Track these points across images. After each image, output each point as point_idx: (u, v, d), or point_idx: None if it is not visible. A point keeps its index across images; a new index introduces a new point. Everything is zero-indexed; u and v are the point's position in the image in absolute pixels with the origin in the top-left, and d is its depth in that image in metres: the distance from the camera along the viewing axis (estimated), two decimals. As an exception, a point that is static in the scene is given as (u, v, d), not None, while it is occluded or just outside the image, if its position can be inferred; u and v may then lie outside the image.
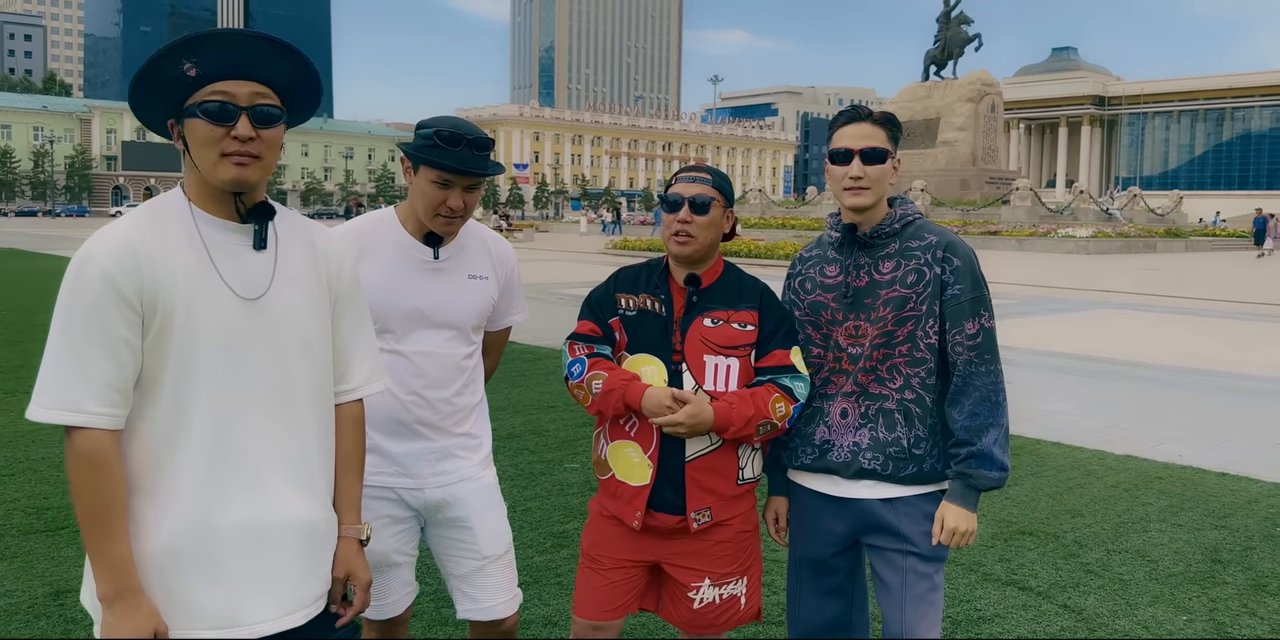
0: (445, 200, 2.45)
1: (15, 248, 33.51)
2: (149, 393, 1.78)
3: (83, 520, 1.73)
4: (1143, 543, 4.83)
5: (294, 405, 1.90)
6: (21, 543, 4.61)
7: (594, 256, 32.36)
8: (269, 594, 1.85)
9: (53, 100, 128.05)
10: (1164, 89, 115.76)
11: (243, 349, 1.83)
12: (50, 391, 1.72)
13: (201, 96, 1.78)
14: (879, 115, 2.56)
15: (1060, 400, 8.50)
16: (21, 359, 9.80)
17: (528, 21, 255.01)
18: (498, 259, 2.71)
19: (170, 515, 1.78)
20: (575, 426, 7.01)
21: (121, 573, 1.72)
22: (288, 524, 1.88)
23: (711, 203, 2.53)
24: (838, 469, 2.55)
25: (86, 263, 1.74)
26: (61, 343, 1.72)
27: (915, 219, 2.58)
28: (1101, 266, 28.81)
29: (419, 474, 2.59)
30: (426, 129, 2.45)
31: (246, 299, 1.83)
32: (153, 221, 1.81)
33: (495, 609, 2.67)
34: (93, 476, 1.72)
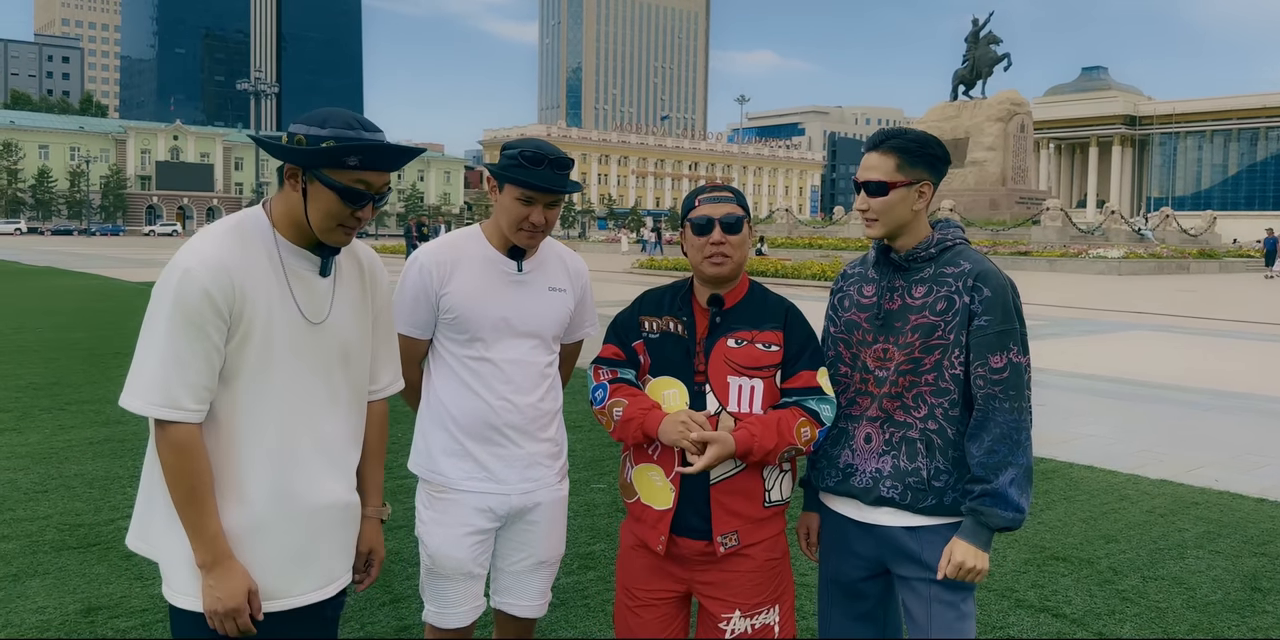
0: (528, 216, 2.63)
1: (52, 266, 34.01)
2: (226, 389, 2.04)
3: (179, 500, 1.99)
4: (1180, 570, 4.75)
5: (337, 407, 2.20)
6: (54, 559, 4.64)
7: (621, 275, 32.39)
8: (319, 568, 2.15)
9: (89, 121, 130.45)
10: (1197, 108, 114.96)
11: (302, 360, 2.11)
12: (153, 389, 1.96)
13: (347, 179, 2.03)
14: (894, 141, 2.48)
15: (1093, 423, 8.39)
16: (56, 376, 9.91)
17: (555, 43, 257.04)
18: (574, 273, 2.89)
19: (240, 505, 2.05)
20: (601, 447, 7.00)
21: (217, 543, 2.01)
22: (330, 507, 2.17)
23: (742, 221, 2.53)
24: (859, 494, 2.51)
25: (188, 279, 1.97)
26: (165, 347, 1.97)
27: (955, 244, 2.51)
28: (1133, 288, 28.52)
29: (507, 480, 2.74)
30: (512, 150, 2.63)
31: (312, 323, 2.12)
32: (240, 242, 2.06)
33: (528, 609, 2.88)
34: (187, 461, 1.98)
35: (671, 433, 2.40)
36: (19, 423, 7.70)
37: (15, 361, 10.90)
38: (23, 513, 5.35)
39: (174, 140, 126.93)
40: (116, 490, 5.81)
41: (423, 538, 2.77)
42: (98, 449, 6.86)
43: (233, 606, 2.00)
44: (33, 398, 8.75)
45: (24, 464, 6.42)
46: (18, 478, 6.07)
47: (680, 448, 2.40)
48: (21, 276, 27.90)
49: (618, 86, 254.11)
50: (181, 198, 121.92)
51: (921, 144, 2.48)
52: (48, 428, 7.53)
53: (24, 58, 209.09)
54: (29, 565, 4.56)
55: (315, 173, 2.03)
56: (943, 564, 2.39)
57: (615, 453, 6.82)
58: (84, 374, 10.09)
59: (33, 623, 3.91)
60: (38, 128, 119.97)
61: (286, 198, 2.09)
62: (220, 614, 2.00)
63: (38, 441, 7.07)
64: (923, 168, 2.48)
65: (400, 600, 4.14)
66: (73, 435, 7.27)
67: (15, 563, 4.59)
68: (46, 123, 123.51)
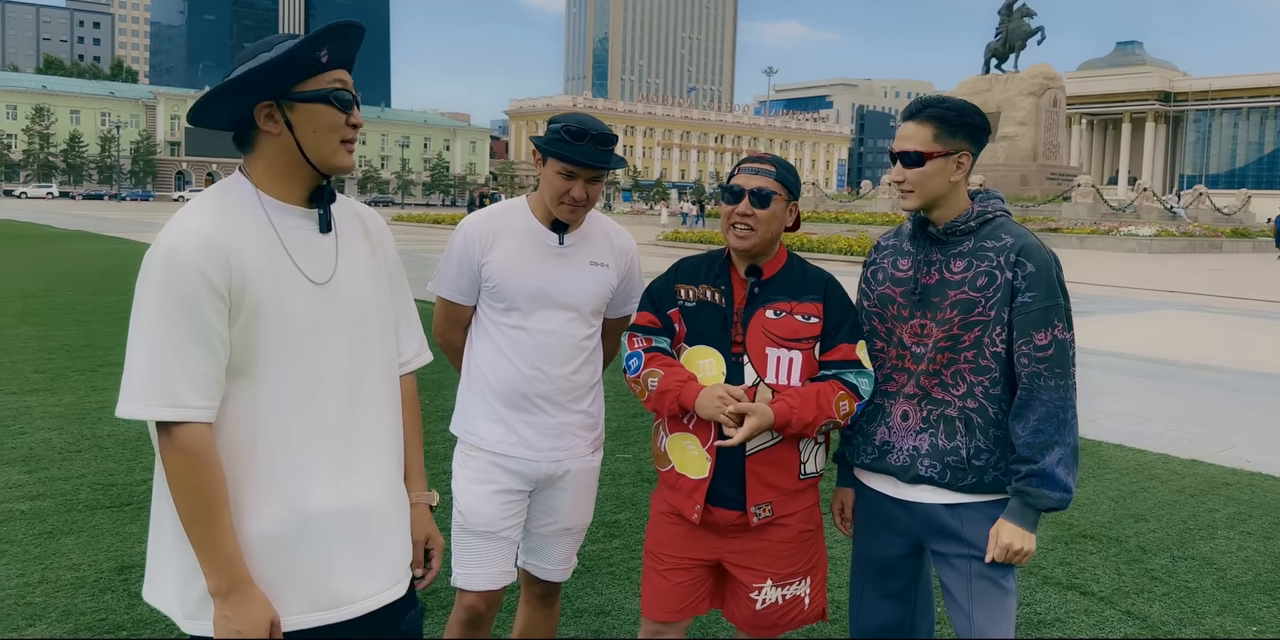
0: (569, 190, 2.62)
1: (83, 230, 34.33)
2: (240, 382, 1.78)
3: (188, 516, 1.72)
4: (1209, 550, 4.71)
5: (367, 384, 1.93)
6: (88, 518, 4.71)
7: (647, 247, 32.32)
8: (368, 570, 1.89)
9: (119, 87, 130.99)
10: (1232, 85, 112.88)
11: (320, 333, 1.85)
12: (150, 388, 1.69)
13: (327, 83, 1.82)
14: (932, 110, 2.40)
15: (1123, 402, 8.32)
16: (88, 338, 10.02)
17: (582, 13, 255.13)
18: (618, 249, 2.87)
19: (267, 501, 1.79)
20: (628, 417, 7.00)
21: (233, 566, 1.72)
22: (375, 501, 1.92)
23: (773, 196, 2.46)
24: (896, 472, 2.48)
25: (174, 258, 1.71)
26: (158, 338, 1.70)
27: (996, 217, 2.43)
28: (1165, 266, 28.18)
29: (538, 447, 2.75)
30: (556, 124, 2.63)
31: (317, 284, 1.85)
32: (223, 211, 1.80)
33: (552, 572, 2.92)
34: (197, 470, 1.71)
35: (709, 407, 2.38)
36: (52, 383, 7.79)
37: (48, 323, 11.03)
38: (57, 472, 5.43)
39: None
40: (148, 451, 5.87)
41: (455, 494, 2.79)
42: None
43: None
44: (65, 359, 8.85)
45: (58, 423, 6.51)
46: (52, 437, 6.15)
47: (718, 421, 2.39)
48: (54, 240, 28.18)
49: (644, 57, 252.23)
50: (210, 164, 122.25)
51: (960, 113, 2.40)
52: (80, 389, 7.62)
53: (56, 23, 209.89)
54: (63, 523, 4.63)
55: (291, 96, 1.80)
56: (990, 546, 2.36)
57: (641, 423, 6.83)
58: (115, 337, 10.19)
59: (67, 579, 3.97)
60: (69, 93, 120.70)
61: (263, 149, 1.85)
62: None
63: (71, 402, 7.16)
64: (962, 137, 2.40)
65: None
66: (105, 396, 7.35)
67: (50, 520, 4.66)
68: (77, 88, 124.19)
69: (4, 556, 4.20)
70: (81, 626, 3.57)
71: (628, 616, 3.79)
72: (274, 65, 1.77)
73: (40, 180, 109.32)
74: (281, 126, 1.82)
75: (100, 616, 3.66)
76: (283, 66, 1.78)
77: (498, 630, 3.65)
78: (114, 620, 3.63)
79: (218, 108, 1.83)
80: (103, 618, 3.65)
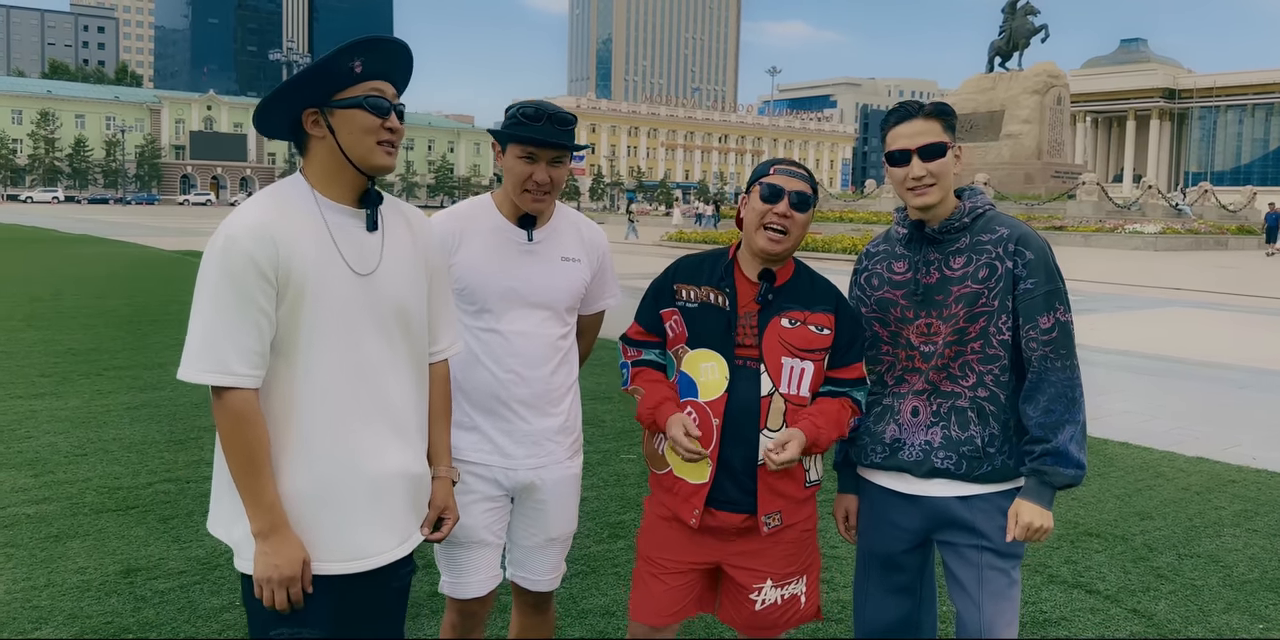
0: (531, 174, 2.56)
1: (89, 234, 34.40)
2: (285, 356, 2.02)
3: (236, 469, 1.98)
4: (1215, 547, 4.70)
5: (397, 367, 2.16)
6: (93, 521, 4.72)
7: (649, 248, 32.33)
8: (386, 530, 2.13)
9: (124, 91, 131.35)
10: (1237, 82, 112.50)
11: (358, 318, 2.08)
12: (204, 357, 1.95)
13: (363, 90, 2.06)
14: (929, 107, 2.47)
15: (1128, 400, 8.31)
16: (95, 342, 10.05)
17: (586, 14, 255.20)
18: (589, 243, 2.80)
19: (302, 464, 2.04)
20: (631, 418, 6.98)
21: (274, 512, 1.99)
22: (397, 471, 2.15)
23: (811, 201, 2.47)
24: (909, 468, 2.49)
25: (231, 245, 1.96)
26: (212, 314, 1.96)
27: (985, 211, 2.49)
28: (1170, 263, 28.12)
29: (514, 454, 2.69)
30: (511, 109, 2.58)
31: (361, 275, 2.09)
32: (280, 206, 2.05)
33: (540, 583, 2.85)
34: (243, 429, 1.97)
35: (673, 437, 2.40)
36: (59, 387, 7.82)
37: (54, 328, 11.06)
38: (63, 475, 5.44)
39: (207, 110, 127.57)
40: (154, 454, 5.89)
41: None
42: (135, 414, 6.96)
43: (288, 574, 1.99)
44: (71, 363, 8.88)
45: (64, 427, 6.52)
46: (58, 441, 6.17)
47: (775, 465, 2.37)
48: (59, 244, 28.25)
49: (648, 58, 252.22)
50: (215, 167, 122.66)
51: (950, 108, 2.51)
52: (86, 393, 7.64)
53: (60, 28, 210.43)
54: (69, 526, 4.64)
55: (330, 103, 2.05)
56: (1010, 526, 2.40)
57: (645, 424, 6.83)
58: (121, 340, 10.22)
59: (73, 582, 3.98)
60: (74, 97, 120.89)
61: (314, 153, 2.10)
62: (274, 582, 1.99)
63: (77, 406, 7.18)
64: (952, 133, 2.49)
65: (432, 565, 4.17)
66: (110, 400, 7.38)
67: (56, 524, 4.67)
68: (83, 92, 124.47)
69: (10, 560, 4.22)
70: (88, 630, 3.58)
71: (632, 617, 3.79)
72: (309, 75, 2.03)
73: (46, 185, 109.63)
74: (325, 130, 2.07)
75: (106, 619, 3.67)
76: (316, 76, 2.03)
77: (500, 631, 3.66)
78: (120, 623, 3.64)
79: (273, 116, 2.10)
80: (109, 621, 3.66)
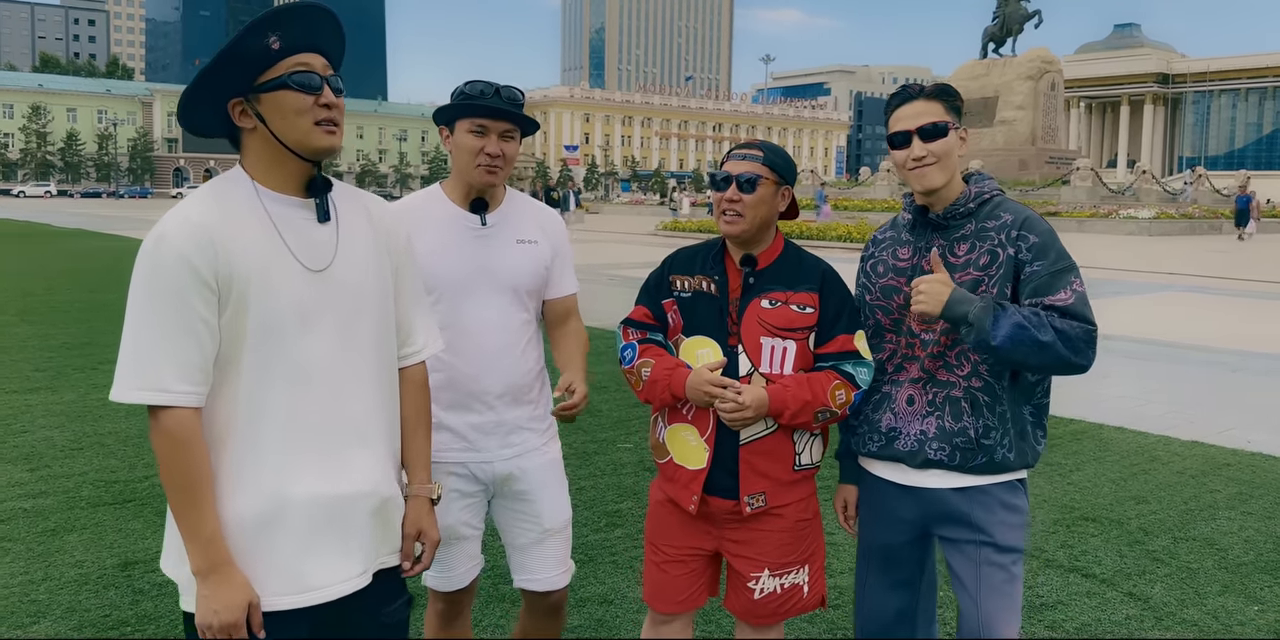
0: (483, 147, 2.52)
1: (81, 228, 34.30)
2: (227, 369, 1.82)
3: (172, 498, 1.78)
4: (1211, 530, 4.72)
5: (360, 373, 1.95)
6: (90, 515, 4.72)
7: (645, 237, 32.31)
8: (343, 558, 1.91)
9: (116, 84, 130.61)
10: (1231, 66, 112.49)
11: (312, 320, 1.87)
12: (136, 373, 1.76)
13: (285, 68, 1.85)
14: (931, 89, 2.44)
15: (1123, 385, 8.32)
16: (89, 336, 10.03)
17: (579, 3, 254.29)
18: (545, 225, 2.75)
19: (249, 487, 1.83)
20: (628, 407, 7.01)
21: (214, 547, 1.78)
22: (358, 491, 1.93)
23: (759, 180, 2.46)
24: (904, 458, 2.46)
25: (162, 246, 1.77)
26: (144, 325, 1.77)
27: (992, 196, 2.44)
28: (1164, 248, 28.15)
29: (486, 447, 2.64)
30: (456, 89, 2.57)
31: (313, 271, 1.88)
32: (218, 201, 1.85)
33: (548, 581, 2.75)
34: (180, 453, 1.77)
35: (695, 392, 2.40)
36: (53, 382, 7.80)
37: (49, 322, 11.03)
38: (59, 469, 5.44)
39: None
40: (150, 448, 5.86)
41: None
42: (131, 408, 6.85)
43: (228, 621, 1.76)
44: (66, 357, 8.86)
45: (59, 422, 6.52)
46: (54, 435, 6.16)
47: (706, 405, 2.40)
48: (52, 238, 28.17)
49: (641, 47, 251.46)
50: (208, 160, 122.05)
51: (954, 90, 2.48)
52: (81, 387, 7.63)
53: (51, 21, 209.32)
54: (66, 520, 4.64)
55: (253, 89, 1.84)
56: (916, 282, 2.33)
57: (642, 413, 6.83)
58: (115, 334, 10.11)
59: (71, 576, 3.98)
60: (65, 91, 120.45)
61: (249, 145, 1.90)
62: (214, 628, 1.76)
63: (72, 400, 7.17)
64: (957, 114, 2.45)
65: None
66: (106, 394, 7.26)
67: (53, 517, 4.67)
68: (74, 86, 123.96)
69: (7, 554, 4.22)
70: (86, 623, 3.59)
71: (630, 605, 3.80)
72: (221, 61, 1.82)
73: (38, 179, 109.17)
74: (254, 120, 1.87)
75: (104, 613, 3.67)
76: (229, 61, 1.82)
77: (505, 632, 3.67)
78: (118, 616, 3.64)
79: (197, 114, 1.89)
80: (107, 614, 3.66)
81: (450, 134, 2.58)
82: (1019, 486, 2.46)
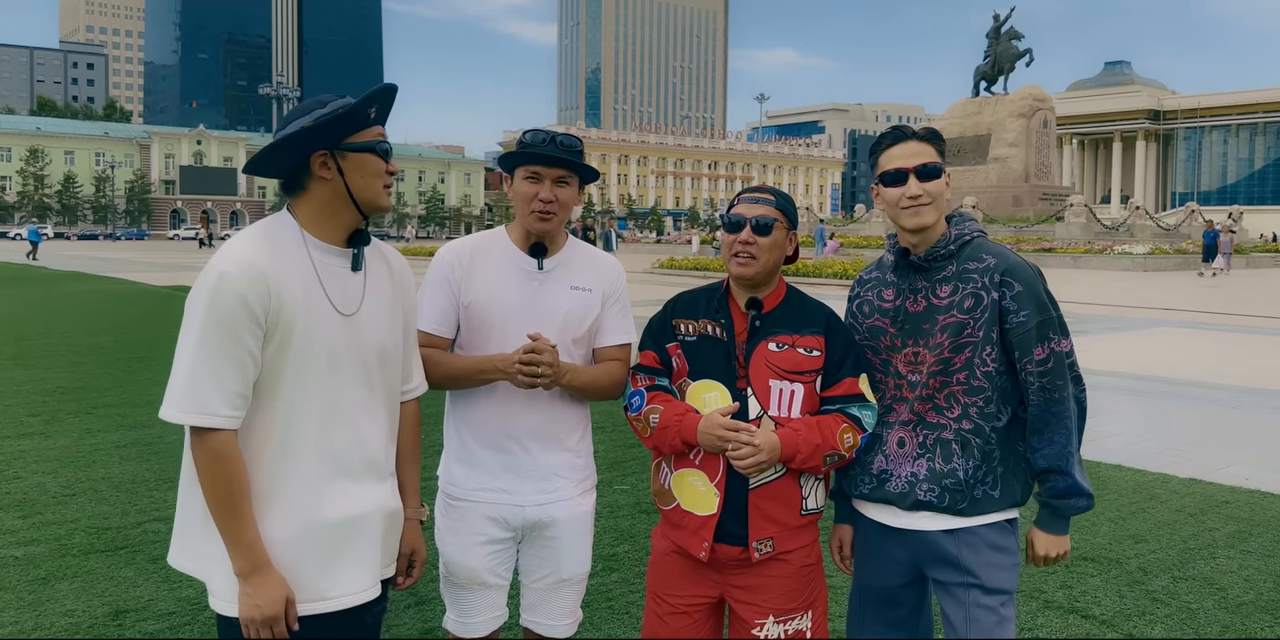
0: (537, 194, 2.59)
1: (78, 271, 34.34)
2: (264, 399, 2.04)
3: (216, 509, 2.00)
4: (1210, 570, 4.69)
5: (375, 407, 2.21)
6: (82, 563, 4.68)
7: (641, 275, 32.37)
8: (361, 569, 2.15)
9: (114, 126, 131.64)
10: (1221, 102, 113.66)
11: (340, 359, 2.11)
12: (188, 397, 1.96)
13: (373, 135, 2.13)
14: (923, 132, 2.50)
15: (1119, 421, 8.31)
16: (83, 380, 10.00)
17: (574, 43, 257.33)
18: (604, 274, 2.78)
19: (279, 509, 2.06)
20: (624, 448, 6.98)
21: (255, 551, 2.01)
22: (374, 512, 2.18)
23: (774, 224, 2.50)
24: (895, 500, 2.47)
25: (222, 284, 1.97)
26: (198, 354, 1.97)
27: (974, 238, 2.47)
28: (1159, 283, 28.25)
29: (521, 491, 2.65)
30: (517, 138, 2.67)
31: (344, 315, 2.12)
32: (271, 245, 2.07)
33: (555, 628, 2.76)
34: (223, 469, 1.98)
35: (708, 437, 2.40)
36: (47, 427, 7.77)
37: (43, 365, 11.01)
38: (51, 516, 5.40)
39: (197, 145, 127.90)
40: (143, 494, 5.85)
41: (438, 546, 2.73)
42: (124, 453, 6.91)
43: (270, 614, 2.00)
44: (60, 401, 8.83)
45: (52, 467, 6.48)
46: (46, 481, 6.12)
47: (718, 450, 2.40)
48: (48, 281, 28.19)
49: (636, 86, 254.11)
50: (205, 202, 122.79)
51: (941, 138, 2.53)
52: (75, 431, 7.59)
53: (50, 65, 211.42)
54: (58, 568, 4.59)
55: (343, 146, 2.09)
56: (1031, 555, 2.49)
57: (639, 453, 6.80)
58: (110, 378, 10.17)
59: (62, 626, 3.94)
60: (63, 134, 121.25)
61: (313, 193, 2.12)
62: (258, 622, 2.00)
63: (65, 445, 7.13)
64: (943, 159, 2.50)
65: (425, 603, 4.15)
66: (100, 439, 7.33)
67: (44, 565, 4.63)
68: (72, 129, 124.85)
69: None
70: (75, 674, 3.54)
71: (626, 651, 3.76)
72: (338, 120, 2.06)
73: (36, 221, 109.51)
74: (334, 173, 2.10)
75: (94, 663, 3.62)
76: (343, 121, 2.07)
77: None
78: (108, 667, 3.59)
79: (278, 158, 2.11)
80: (97, 664, 3.61)
81: (510, 178, 2.67)
82: (1009, 527, 2.46)
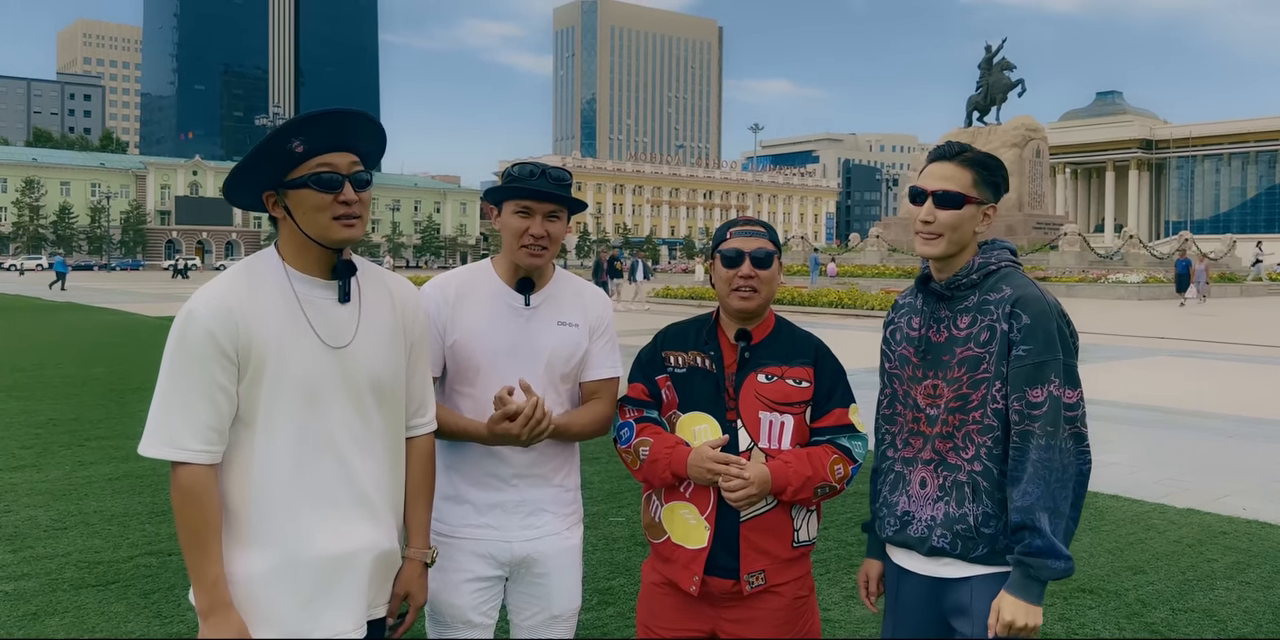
0: (527, 229, 2.57)
1: (73, 301, 34.30)
2: (243, 432, 2.03)
3: (183, 543, 1.99)
4: (1209, 601, 4.66)
5: (369, 443, 2.15)
6: (73, 598, 4.63)
7: (635, 305, 32.39)
8: (342, 610, 2.09)
9: (110, 157, 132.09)
10: (1213, 132, 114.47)
11: (328, 392, 2.08)
12: (158, 431, 1.98)
13: (310, 168, 2.05)
14: (971, 155, 2.33)
15: (1116, 452, 8.29)
16: (76, 412, 9.95)
17: (570, 74, 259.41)
18: (590, 309, 2.73)
19: (259, 544, 2.03)
20: (619, 479, 6.95)
21: (216, 590, 1.98)
22: (364, 551, 2.12)
23: (773, 256, 2.52)
24: (914, 544, 2.37)
25: (190, 320, 1.99)
26: (169, 389, 1.99)
27: (1000, 268, 2.33)
28: (1154, 312, 28.32)
29: (507, 527, 2.61)
30: (505, 171, 2.63)
31: (333, 347, 2.09)
32: (248, 280, 2.07)
33: None
34: (192, 505, 1.97)
35: (697, 470, 2.39)
36: (39, 459, 7.72)
37: (36, 397, 10.96)
38: (42, 550, 5.35)
39: (193, 175, 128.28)
40: (135, 527, 5.80)
41: None
42: (117, 485, 6.86)
43: None
44: (52, 434, 8.78)
45: (44, 501, 6.43)
46: (38, 514, 6.08)
47: (708, 483, 2.39)
48: (42, 312, 28.15)
49: (631, 116, 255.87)
50: (200, 232, 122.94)
51: (997, 165, 2.36)
52: (67, 464, 7.55)
53: (46, 96, 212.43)
54: (48, 603, 4.55)
55: (284, 184, 2.05)
56: (991, 622, 2.19)
57: (634, 485, 6.77)
58: (103, 409, 10.13)
59: (51, 663, 3.89)
60: (59, 164, 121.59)
61: (281, 230, 2.13)
62: None
63: (57, 478, 7.08)
64: (990, 190, 2.34)
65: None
66: (92, 471, 7.29)
67: (34, 601, 4.58)
68: (68, 159, 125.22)
69: (-14, 640, 4.12)
70: (64, 712, 3.49)
71: (622, 687, 3.72)
72: (252, 161, 2.05)
73: (30, 252, 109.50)
74: (283, 211, 2.09)
75: (83, 701, 3.57)
76: (260, 160, 2.04)
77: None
78: (97, 705, 3.55)
79: (240, 196, 2.12)
80: (86, 702, 3.57)
81: (497, 211, 2.64)
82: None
